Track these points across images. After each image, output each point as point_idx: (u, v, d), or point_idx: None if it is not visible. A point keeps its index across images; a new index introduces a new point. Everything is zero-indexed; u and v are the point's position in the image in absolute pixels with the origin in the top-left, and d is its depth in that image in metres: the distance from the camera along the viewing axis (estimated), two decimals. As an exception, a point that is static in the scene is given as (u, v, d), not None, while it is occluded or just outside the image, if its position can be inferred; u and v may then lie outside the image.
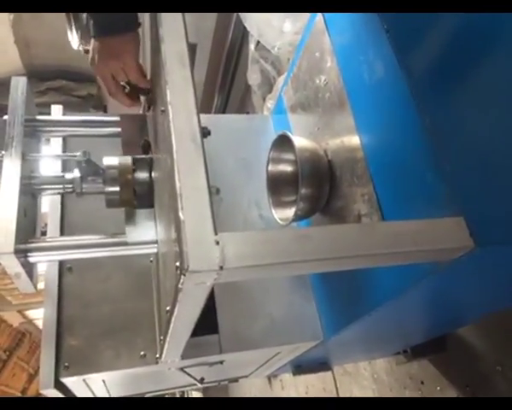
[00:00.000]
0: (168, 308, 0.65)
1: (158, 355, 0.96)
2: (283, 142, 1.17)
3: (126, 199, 0.91)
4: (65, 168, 1.16)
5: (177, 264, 0.51)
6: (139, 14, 0.95)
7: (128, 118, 1.06)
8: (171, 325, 0.67)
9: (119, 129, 1.05)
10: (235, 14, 3.07)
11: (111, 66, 0.91)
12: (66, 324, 0.99)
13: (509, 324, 1.59)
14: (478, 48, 0.91)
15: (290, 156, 1.20)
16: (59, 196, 1.15)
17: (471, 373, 1.77)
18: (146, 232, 0.90)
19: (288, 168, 1.22)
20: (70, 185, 0.88)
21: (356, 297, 1.00)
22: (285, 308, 1.14)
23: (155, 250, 0.90)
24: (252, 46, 2.98)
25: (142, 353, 0.99)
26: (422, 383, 2.04)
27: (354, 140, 0.99)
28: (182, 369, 1.09)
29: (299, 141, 1.09)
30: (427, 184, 0.75)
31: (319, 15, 1.15)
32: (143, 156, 0.98)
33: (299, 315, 1.14)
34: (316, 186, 1.08)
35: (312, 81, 1.20)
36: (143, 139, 1.00)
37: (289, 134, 1.11)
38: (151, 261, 1.09)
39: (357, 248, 0.59)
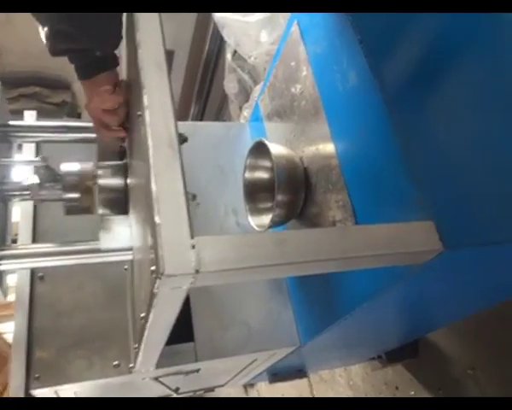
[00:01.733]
0: (143, 315, 0.64)
1: (132, 365, 0.95)
2: (260, 149, 1.18)
3: (87, 206, 0.90)
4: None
5: (153, 268, 0.51)
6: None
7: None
8: (146, 332, 0.67)
9: (95, 135, 1.04)
10: (212, 23, 3.08)
11: (95, 103, 0.87)
12: (37, 334, 0.96)
13: (480, 327, 1.63)
14: (448, 59, 0.95)
15: (266, 163, 1.21)
16: (31, 203, 1.12)
17: (443, 377, 1.81)
18: (120, 239, 0.88)
19: (265, 175, 1.23)
20: (27, 192, 0.86)
21: (331, 302, 1.01)
22: (262, 315, 1.14)
23: (130, 258, 0.89)
24: (228, 55, 3.00)
25: (115, 362, 0.97)
26: (397, 388, 2.06)
27: (329, 148, 1.00)
28: (156, 378, 1.07)
29: (276, 148, 1.10)
30: (400, 190, 0.77)
31: (295, 25, 1.18)
32: (118, 162, 0.97)
33: (275, 321, 1.14)
34: (292, 193, 1.09)
35: (288, 90, 1.22)
36: (119, 145, 0.99)
37: (266, 141, 1.12)
38: (126, 269, 1.08)
39: (333, 251, 0.60)
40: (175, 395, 1.16)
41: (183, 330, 1.05)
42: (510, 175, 0.77)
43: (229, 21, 2.29)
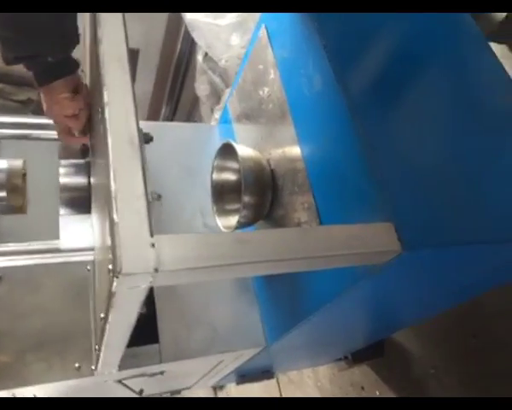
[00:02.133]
0: (102, 315, 0.63)
1: (93, 367, 0.93)
2: (227, 150, 1.18)
3: (18, 206, 0.87)
4: None
5: (110, 267, 0.50)
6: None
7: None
8: (106, 333, 0.65)
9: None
10: (183, 24, 3.06)
11: (55, 111, 0.86)
12: (-6, 337, 0.93)
13: (441, 327, 1.69)
14: (410, 66, 0.98)
15: (234, 165, 1.21)
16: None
17: (407, 377, 1.86)
18: (82, 239, 0.87)
19: (232, 177, 1.23)
20: None
21: (296, 302, 1.02)
22: (228, 316, 1.14)
23: (91, 258, 0.88)
24: (200, 57, 2.99)
25: (76, 365, 0.95)
26: (363, 388, 2.10)
27: (295, 151, 1.02)
28: (120, 381, 1.05)
29: (243, 150, 1.11)
30: (362, 193, 0.79)
31: (262, 29, 1.19)
32: (81, 161, 0.96)
33: (241, 322, 1.15)
34: (258, 195, 1.09)
35: (256, 92, 1.23)
36: (82, 144, 0.97)
37: (233, 143, 1.13)
38: (88, 270, 1.06)
39: (294, 251, 0.61)
40: (138, 397, 1.15)
41: (147, 332, 1.03)
42: (467, 178, 0.81)
43: (199, 24, 2.29)
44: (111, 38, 0.68)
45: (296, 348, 1.33)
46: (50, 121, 1.03)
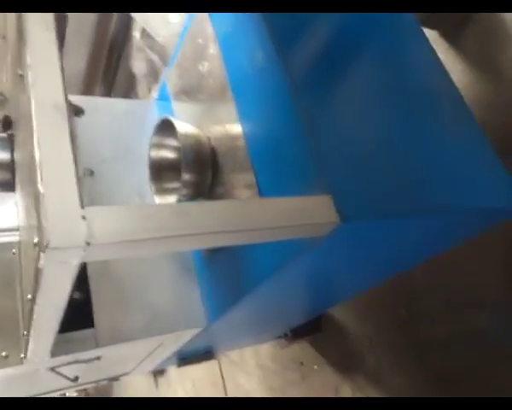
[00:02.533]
0: (30, 296, 0.59)
1: (23, 355, 0.87)
2: (166, 127, 1.14)
3: None
4: None
5: (35, 241, 0.46)
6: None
7: (-15, 91, 0.94)
8: (35, 316, 0.61)
9: (-26, 103, 0.93)
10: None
11: None
12: None
13: (374, 301, 1.77)
14: (346, 47, 0.99)
15: (172, 142, 1.17)
16: None
17: (344, 350, 1.94)
18: (6, 219, 0.80)
19: (171, 155, 1.19)
20: None
21: (237, 279, 1.02)
22: (167, 296, 1.12)
23: (17, 238, 0.81)
24: (137, 34, 2.87)
25: (3, 353, 0.88)
26: (302, 363, 2.17)
27: (236, 128, 1.00)
28: (52, 369, 0.99)
29: (182, 126, 1.07)
30: (301, 167, 0.79)
31: (202, 1, 1.15)
32: (1, 134, 0.88)
33: (181, 302, 1.12)
34: (198, 172, 1.07)
35: (196, 68, 1.19)
36: (3, 115, 0.89)
37: (172, 119, 1.09)
38: (14, 253, 0.98)
39: (235, 223, 0.60)
40: (74, 385, 1.09)
41: (81, 316, 0.98)
42: (401, 154, 0.84)
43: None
44: (34, -5, 0.62)
45: (237, 327, 1.34)
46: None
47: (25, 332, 0.73)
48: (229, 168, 1.03)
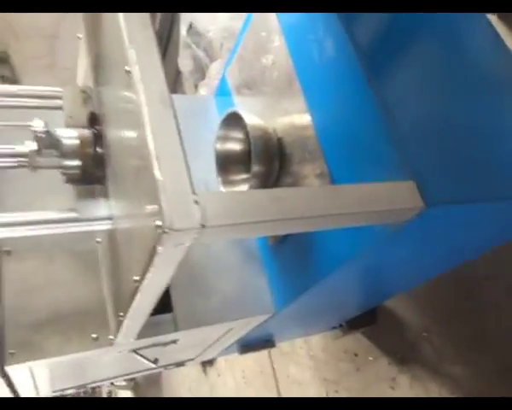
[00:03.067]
0: (137, 277, 0.63)
1: (112, 337, 0.93)
2: (231, 120, 1.18)
3: (89, 173, 0.87)
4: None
5: (159, 223, 0.50)
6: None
7: (71, 90, 1.00)
8: (138, 296, 0.66)
9: (61, 102, 0.99)
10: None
11: None
12: (9, 312, 0.91)
13: (433, 291, 1.75)
14: (415, 31, 0.99)
15: (238, 135, 1.20)
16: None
17: (400, 341, 1.92)
18: (98, 208, 0.86)
19: (236, 147, 1.23)
20: (24, 159, 0.81)
21: (306, 267, 1.04)
22: (237, 283, 1.15)
23: (108, 227, 0.87)
24: (183, 31, 2.93)
25: (94, 335, 0.95)
26: (356, 355, 2.17)
27: (305, 118, 1.02)
28: (135, 351, 1.06)
29: (250, 119, 1.10)
30: (379, 154, 0.80)
31: (266, -5, 1.17)
32: (92, 130, 0.93)
33: (250, 290, 1.16)
34: (267, 164, 1.10)
35: (259, 61, 1.22)
36: (89, 112, 0.95)
37: (240, 111, 1.12)
38: (98, 242, 1.05)
39: (326, 207, 0.62)
40: (153, 366, 1.15)
41: (161, 302, 1.03)
42: (480, 137, 0.83)
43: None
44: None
45: (302, 315, 1.36)
46: (56, 89, 1.00)
47: (121, 314, 0.78)
48: (297, 158, 1.05)
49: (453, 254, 1.14)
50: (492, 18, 1.53)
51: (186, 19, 2.82)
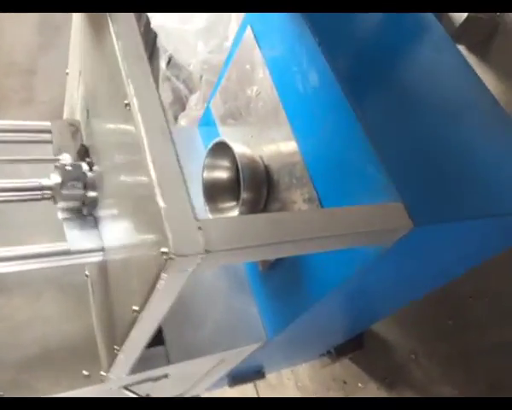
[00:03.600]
0: (136, 307, 0.63)
1: (103, 372, 0.90)
2: (218, 149, 1.20)
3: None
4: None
5: (164, 249, 0.51)
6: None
7: (59, 124, 1.01)
8: (137, 326, 0.65)
9: (49, 135, 0.99)
10: (142, 28, 3.02)
11: None
12: None
13: (418, 313, 1.77)
14: (394, 63, 1.05)
15: (226, 163, 1.22)
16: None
17: (388, 365, 1.93)
18: (89, 240, 0.85)
19: (224, 175, 1.24)
20: (49, 192, 0.81)
21: (298, 291, 1.05)
22: (228, 313, 1.15)
23: (100, 259, 0.86)
24: (163, 64, 2.98)
25: (84, 372, 0.92)
26: (345, 382, 2.15)
27: (291, 145, 1.05)
28: (126, 387, 1.03)
29: (238, 147, 1.13)
30: (367, 177, 0.83)
31: (248, 30, 1.22)
32: (81, 163, 0.94)
33: (241, 319, 1.16)
34: (255, 190, 1.12)
35: (243, 92, 1.25)
36: (80, 144, 0.95)
37: (227, 140, 1.14)
38: (87, 276, 1.03)
39: (323, 229, 0.64)
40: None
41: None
42: (461, 160, 0.87)
43: (168, 29, 2.29)
44: (127, 33, 0.69)
45: (292, 343, 1.36)
46: (43, 123, 1.01)
47: (116, 347, 0.77)
48: (285, 184, 1.08)
49: (440, 273, 1.17)
50: (462, 48, 1.63)
51: (165, 53, 2.87)
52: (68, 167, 0.82)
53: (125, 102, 0.62)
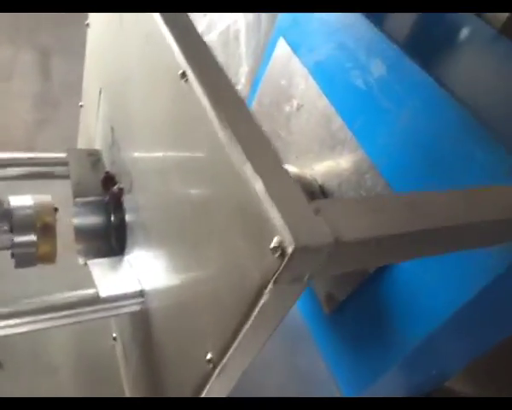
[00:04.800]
0: (209, 356, 0.42)
1: None
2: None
3: (47, 252, 0.66)
4: None
5: (274, 245, 0.31)
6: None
7: (76, 153, 0.84)
8: (213, 379, 0.44)
9: (65, 168, 0.83)
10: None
11: None
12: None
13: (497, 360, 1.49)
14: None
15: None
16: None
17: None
18: (124, 284, 0.65)
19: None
20: None
21: (387, 338, 0.82)
22: (292, 376, 0.91)
23: (138, 308, 0.65)
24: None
25: None
26: None
27: (354, 153, 0.87)
28: None
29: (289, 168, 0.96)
30: (484, 163, 0.65)
31: (281, 42, 1.09)
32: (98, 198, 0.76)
33: (310, 381, 0.92)
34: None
35: (280, 111, 1.10)
36: (104, 172, 0.78)
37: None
38: (114, 338, 0.82)
39: (467, 214, 0.45)
40: None
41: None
42: None
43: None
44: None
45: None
46: (58, 155, 0.84)
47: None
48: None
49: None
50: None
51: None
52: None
53: (179, 72, 0.45)
